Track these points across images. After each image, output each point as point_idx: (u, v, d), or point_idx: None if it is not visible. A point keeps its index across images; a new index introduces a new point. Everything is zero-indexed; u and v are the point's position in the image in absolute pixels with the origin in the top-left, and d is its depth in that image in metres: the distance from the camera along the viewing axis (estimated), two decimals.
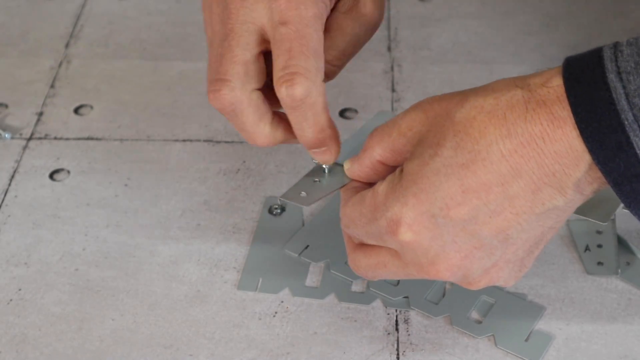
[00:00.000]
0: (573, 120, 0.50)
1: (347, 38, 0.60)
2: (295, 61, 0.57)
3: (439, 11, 0.94)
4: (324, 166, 0.62)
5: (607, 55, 0.50)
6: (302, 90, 0.57)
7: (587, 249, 0.69)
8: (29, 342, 0.65)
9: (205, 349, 0.64)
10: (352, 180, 0.60)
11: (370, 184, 0.59)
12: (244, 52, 0.58)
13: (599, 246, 0.69)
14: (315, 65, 0.57)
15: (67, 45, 0.93)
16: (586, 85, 0.50)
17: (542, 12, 0.93)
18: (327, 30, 0.60)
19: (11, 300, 0.68)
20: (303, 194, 0.62)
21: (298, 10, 0.57)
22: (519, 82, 0.53)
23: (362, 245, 0.59)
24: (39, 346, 0.65)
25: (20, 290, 0.69)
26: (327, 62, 0.60)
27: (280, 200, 0.61)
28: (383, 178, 0.57)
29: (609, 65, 0.50)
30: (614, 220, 0.70)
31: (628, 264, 0.68)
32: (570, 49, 0.87)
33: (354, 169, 0.59)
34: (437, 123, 0.54)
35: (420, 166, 0.53)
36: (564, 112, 0.50)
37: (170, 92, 0.86)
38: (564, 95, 0.50)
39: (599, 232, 0.70)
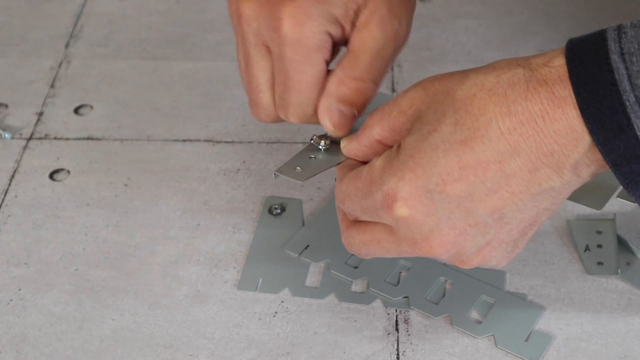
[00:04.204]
0: (574, 100, 0.50)
1: (368, 50, 0.60)
2: (287, 96, 0.59)
3: (439, 11, 0.94)
4: (320, 144, 0.62)
5: (611, 36, 0.50)
6: (294, 119, 0.61)
7: (587, 249, 0.69)
8: (29, 342, 0.65)
9: (205, 349, 0.64)
10: (349, 158, 0.60)
11: (366, 163, 0.59)
12: (265, 77, 0.60)
13: (599, 246, 0.69)
14: (309, 97, 0.59)
15: (67, 45, 0.93)
16: (589, 65, 0.50)
17: (542, 12, 0.93)
18: (347, 49, 0.60)
19: (11, 300, 0.68)
20: (298, 169, 0.61)
21: (295, 47, 0.57)
22: (521, 61, 0.53)
23: (357, 222, 0.59)
24: (39, 346, 0.65)
25: (20, 290, 0.69)
26: (353, 78, 0.60)
27: (274, 174, 0.61)
28: None
29: (613, 47, 0.50)
30: (613, 220, 0.70)
31: (628, 264, 0.68)
32: None
33: (351, 147, 0.59)
34: (437, 100, 0.54)
35: (418, 141, 0.53)
36: (565, 92, 0.50)
37: (170, 92, 0.86)
38: (566, 75, 0.50)
39: (599, 232, 0.70)
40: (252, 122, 0.82)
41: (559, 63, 0.51)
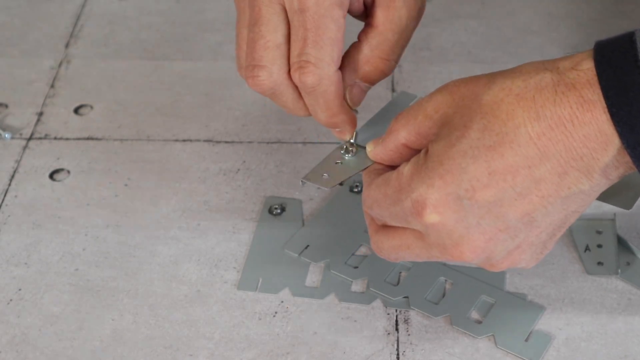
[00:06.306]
0: (603, 104, 0.50)
1: (395, 29, 0.60)
2: (309, 50, 0.58)
3: (439, 11, 0.94)
4: (344, 152, 0.62)
5: None
6: (313, 79, 0.58)
7: (587, 249, 0.69)
8: (29, 342, 0.65)
9: (205, 349, 0.64)
10: (375, 162, 0.60)
11: (393, 167, 0.59)
12: (276, 36, 0.59)
13: (599, 246, 0.69)
14: (330, 54, 0.58)
15: (67, 45, 0.93)
16: (618, 68, 0.50)
17: (542, 12, 0.93)
18: (372, 25, 0.60)
19: (11, 300, 0.68)
20: (325, 175, 0.61)
21: (329, 1, 0.57)
22: (548, 64, 0.52)
23: (385, 227, 0.58)
24: (39, 346, 0.65)
25: (20, 290, 0.69)
26: (380, 58, 0.61)
27: (302, 182, 0.61)
28: (407, 161, 0.56)
29: None
30: (613, 220, 0.70)
31: (628, 264, 0.68)
32: (571, 48, 0.87)
33: (377, 152, 0.59)
34: (464, 105, 0.54)
35: (446, 147, 0.53)
36: (594, 96, 0.50)
37: (170, 92, 0.86)
38: (595, 78, 0.50)
39: (599, 232, 0.70)
40: (252, 122, 0.82)
41: (587, 66, 0.51)
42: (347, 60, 0.61)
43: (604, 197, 0.57)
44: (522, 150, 0.51)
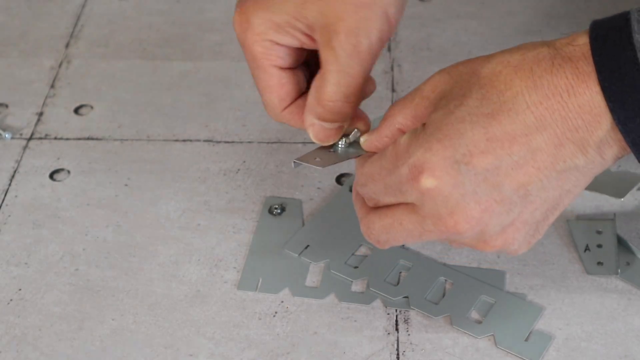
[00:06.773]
0: (597, 77, 0.51)
1: (334, 70, 0.57)
2: (259, 92, 0.60)
3: (439, 11, 0.94)
4: (339, 142, 0.61)
5: (635, 17, 0.51)
6: (271, 115, 0.61)
7: (587, 249, 0.69)
8: (29, 342, 0.65)
9: (205, 349, 0.64)
10: (368, 152, 0.59)
11: None
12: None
13: (599, 246, 0.69)
14: (269, 99, 0.60)
15: (67, 45, 0.93)
16: (611, 44, 0.51)
17: (542, 12, 0.93)
18: (320, 68, 0.58)
19: (11, 300, 0.68)
20: (317, 159, 0.61)
21: (245, 53, 0.59)
22: (545, 42, 0.54)
23: (376, 208, 0.58)
24: (39, 346, 0.65)
25: (20, 290, 0.69)
26: (326, 101, 0.58)
27: (294, 162, 0.61)
28: None
29: (636, 27, 0.50)
30: (613, 220, 0.70)
31: (628, 264, 0.68)
32: None
33: (372, 140, 0.59)
34: (462, 79, 0.54)
35: (444, 115, 0.53)
36: (589, 68, 0.51)
37: (170, 92, 0.86)
38: (589, 53, 0.51)
39: (599, 232, 0.70)
40: (252, 122, 0.82)
41: (583, 42, 0.52)
42: (308, 100, 0.59)
43: (597, 187, 0.58)
44: (520, 118, 0.52)
